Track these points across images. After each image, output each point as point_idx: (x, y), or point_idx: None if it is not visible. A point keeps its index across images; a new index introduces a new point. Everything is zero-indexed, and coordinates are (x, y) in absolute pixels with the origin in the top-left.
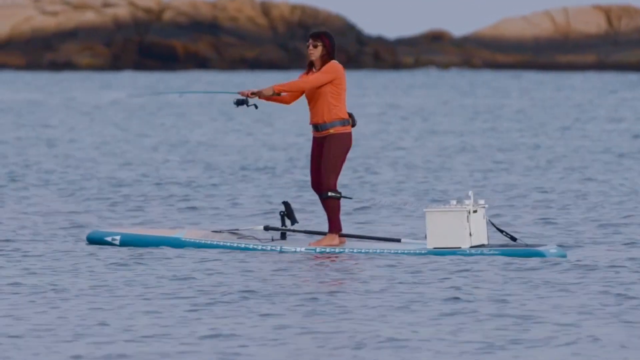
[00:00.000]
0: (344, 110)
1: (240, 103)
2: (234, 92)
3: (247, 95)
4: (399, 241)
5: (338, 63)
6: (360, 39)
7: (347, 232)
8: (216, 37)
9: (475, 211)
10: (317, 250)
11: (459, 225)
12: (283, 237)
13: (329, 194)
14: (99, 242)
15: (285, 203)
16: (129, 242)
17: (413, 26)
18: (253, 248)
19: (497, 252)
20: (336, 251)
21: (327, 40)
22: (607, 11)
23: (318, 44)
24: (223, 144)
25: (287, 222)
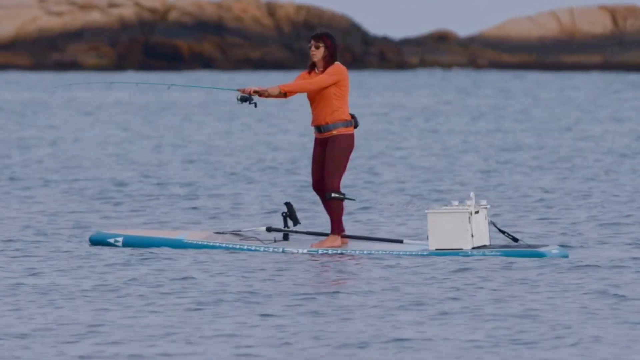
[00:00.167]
0: (346, 112)
1: (245, 100)
2: (233, 89)
3: (250, 93)
4: (401, 242)
5: (342, 65)
6: (366, 39)
7: (349, 233)
8: (221, 37)
9: (477, 212)
10: (320, 252)
11: (460, 226)
12: (285, 238)
13: (332, 195)
14: (101, 243)
15: (288, 204)
16: (131, 243)
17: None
18: (255, 249)
19: (499, 253)
20: (338, 252)
21: (329, 41)
22: (612, 11)
23: (320, 45)
24: (225, 144)
25: (290, 223)
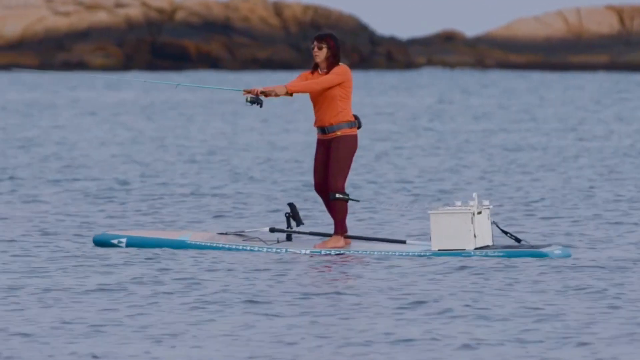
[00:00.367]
0: (350, 113)
1: (254, 102)
2: (239, 89)
3: (257, 93)
4: (403, 243)
5: (346, 66)
6: (373, 39)
7: (352, 233)
8: (228, 37)
9: (479, 212)
10: (323, 252)
11: (463, 226)
12: (289, 238)
13: (336, 195)
14: (105, 244)
15: (291, 204)
16: (135, 244)
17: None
18: (259, 250)
19: (502, 254)
20: (341, 253)
21: (332, 42)
22: (619, 11)
23: (323, 46)
24: (229, 144)
25: (293, 223)
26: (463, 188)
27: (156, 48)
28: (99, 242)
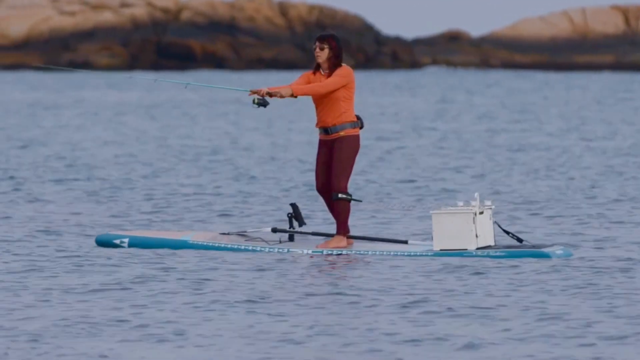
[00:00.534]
0: (353, 113)
1: (261, 104)
2: (245, 89)
3: (263, 94)
4: (405, 243)
5: (349, 67)
6: (378, 39)
7: (354, 233)
8: (234, 37)
9: (481, 212)
10: (325, 252)
11: (465, 226)
12: (291, 239)
13: (339, 195)
14: (107, 244)
15: (293, 205)
16: (137, 244)
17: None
18: (261, 250)
19: (504, 254)
20: (343, 253)
21: (334, 42)
22: (625, 11)
23: (325, 47)
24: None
25: (295, 224)
26: (465, 188)
27: (161, 48)
28: (102, 242)
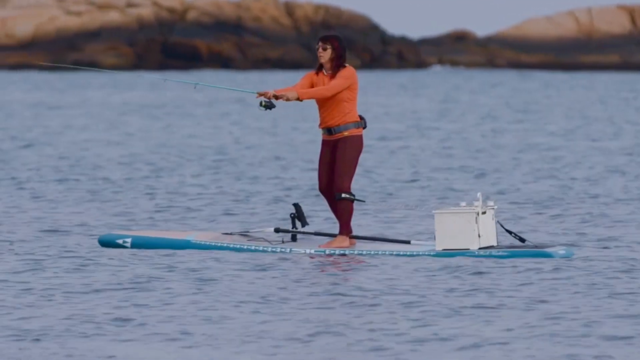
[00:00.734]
0: (356, 113)
1: (268, 107)
2: (252, 91)
3: (270, 96)
4: (408, 243)
5: (351, 67)
6: (384, 39)
7: (356, 233)
8: (240, 37)
9: (484, 212)
10: (327, 252)
11: (467, 226)
12: (293, 239)
13: (342, 195)
14: (110, 244)
15: (296, 205)
16: (140, 244)
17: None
18: (263, 250)
19: (506, 253)
20: (346, 253)
21: (337, 43)
22: (631, 11)
23: (327, 47)
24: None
25: (298, 224)
26: (468, 188)
27: (167, 48)
28: (105, 243)
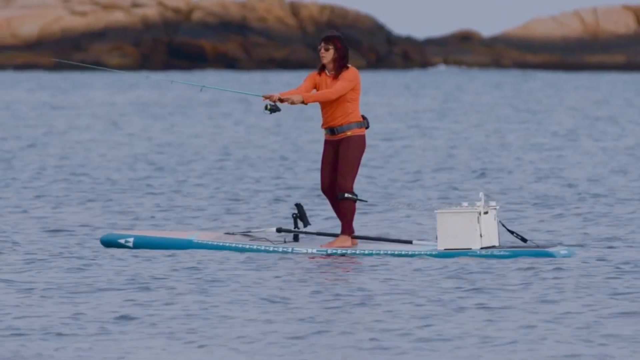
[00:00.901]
0: (359, 113)
1: (274, 110)
2: (258, 94)
3: (275, 100)
4: (410, 243)
5: (354, 68)
6: (390, 39)
7: (358, 233)
8: (245, 37)
9: (486, 212)
10: (329, 252)
11: (469, 226)
12: (296, 239)
13: (345, 195)
14: (112, 244)
15: (298, 205)
16: (142, 244)
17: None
18: (265, 250)
19: (508, 253)
20: (348, 252)
21: (339, 43)
22: (636, 11)
23: (330, 48)
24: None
25: (300, 224)
26: (470, 188)
27: (173, 48)
28: (107, 242)
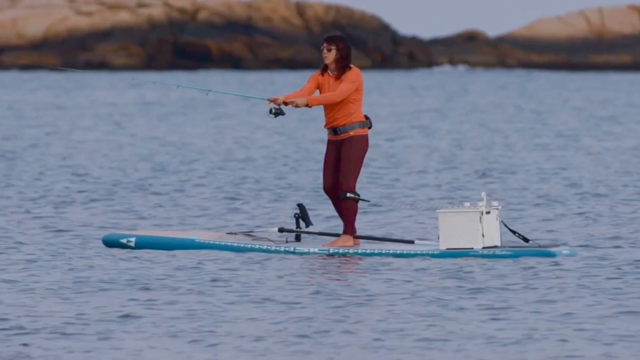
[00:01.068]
0: (361, 113)
1: (279, 113)
2: (263, 98)
3: (280, 103)
4: (412, 243)
5: (357, 69)
6: (395, 39)
7: (360, 233)
8: (251, 37)
9: (488, 212)
10: (331, 251)
11: (471, 225)
12: (297, 239)
13: (347, 195)
14: (114, 244)
15: (300, 205)
16: (144, 244)
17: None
18: (267, 249)
19: (510, 253)
20: (350, 252)
21: (342, 44)
22: None
23: (332, 48)
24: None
25: (302, 224)
26: (472, 188)
27: (178, 48)
28: (109, 242)
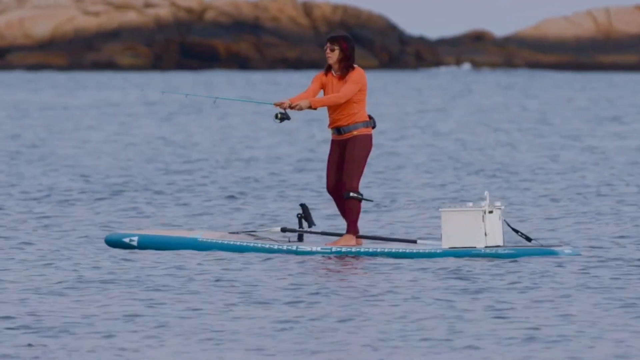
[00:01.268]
0: (365, 113)
1: (285, 118)
2: (269, 102)
3: (286, 107)
4: (414, 242)
5: (360, 69)
6: (402, 39)
7: (363, 233)
8: (258, 37)
9: (491, 211)
10: (334, 249)
11: (474, 224)
12: (300, 239)
13: (350, 194)
14: (117, 243)
15: (303, 205)
16: (146, 243)
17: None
18: (269, 249)
19: (512, 252)
20: (352, 251)
21: (345, 44)
22: None
23: (335, 48)
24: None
25: (305, 224)
26: (475, 187)
27: (185, 48)
28: (111, 242)
